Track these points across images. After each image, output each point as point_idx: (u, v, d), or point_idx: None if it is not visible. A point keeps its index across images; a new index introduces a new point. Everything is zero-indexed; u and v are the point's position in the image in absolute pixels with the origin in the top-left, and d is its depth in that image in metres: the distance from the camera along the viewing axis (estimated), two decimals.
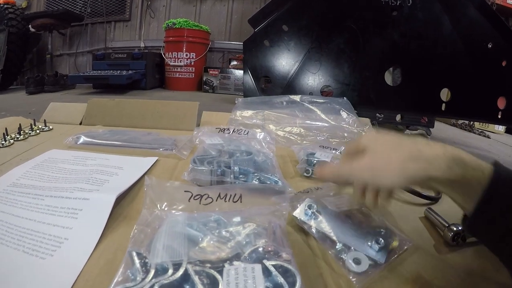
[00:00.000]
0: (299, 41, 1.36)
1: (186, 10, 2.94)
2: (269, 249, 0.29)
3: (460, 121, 2.13)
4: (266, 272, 0.25)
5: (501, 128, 2.29)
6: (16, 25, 2.62)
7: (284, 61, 1.37)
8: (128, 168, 0.51)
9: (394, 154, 0.30)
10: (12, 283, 0.28)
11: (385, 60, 1.37)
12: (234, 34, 2.89)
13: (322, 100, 0.94)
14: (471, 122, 2.09)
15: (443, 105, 1.35)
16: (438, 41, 1.34)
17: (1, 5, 2.64)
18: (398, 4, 1.31)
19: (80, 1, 3.07)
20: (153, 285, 0.24)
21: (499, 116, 1.32)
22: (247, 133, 0.73)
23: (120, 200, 0.42)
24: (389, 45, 1.33)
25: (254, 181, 0.49)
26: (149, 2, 2.97)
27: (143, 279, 0.25)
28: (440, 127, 1.89)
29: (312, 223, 0.38)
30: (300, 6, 1.36)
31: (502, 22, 1.30)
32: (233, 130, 0.74)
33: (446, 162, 0.27)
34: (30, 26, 2.73)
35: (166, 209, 0.38)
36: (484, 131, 2.07)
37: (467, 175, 0.27)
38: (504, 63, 1.30)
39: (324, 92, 1.37)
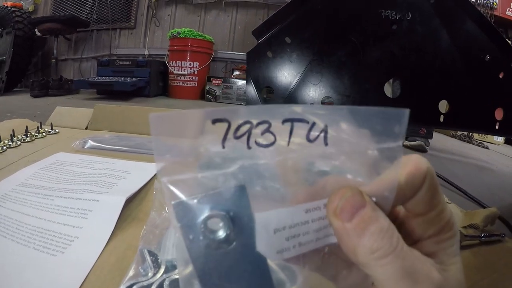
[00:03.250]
0: (301, 53, 1.39)
1: (191, 20, 2.99)
2: None
3: (459, 133, 2.15)
4: None
5: (500, 139, 2.31)
6: (22, 29, 2.67)
7: (286, 72, 1.40)
8: (136, 173, 0.53)
9: None
10: (23, 278, 0.29)
11: (384, 72, 1.39)
12: (237, 45, 2.94)
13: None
14: (470, 133, 2.12)
15: (442, 116, 1.37)
16: (437, 54, 1.36)
17: (8, 8, 2.69)
18: (398, 18, 1.34)
19: (87, 8, 3.13)
20: (164, 280, 0.25)
21: (497, 127, 1.34)
22: None
23: (129, 202, 0.43)
24: (388, 57, 1.36)
25: None
26: (154, 11, 3.02)
27: (154, 275, 0.26)
28: (439, 138, 1.91)
29: None
30: (303, 19, 1.39)
31: (499, 35, 1.32)
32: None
33: None
34: (36, 30, 2.78)
35: None
36: (482, 142, 2.09)
37: None
38: (501, 75, 1.32)
39: (325, 103, 1.40)
